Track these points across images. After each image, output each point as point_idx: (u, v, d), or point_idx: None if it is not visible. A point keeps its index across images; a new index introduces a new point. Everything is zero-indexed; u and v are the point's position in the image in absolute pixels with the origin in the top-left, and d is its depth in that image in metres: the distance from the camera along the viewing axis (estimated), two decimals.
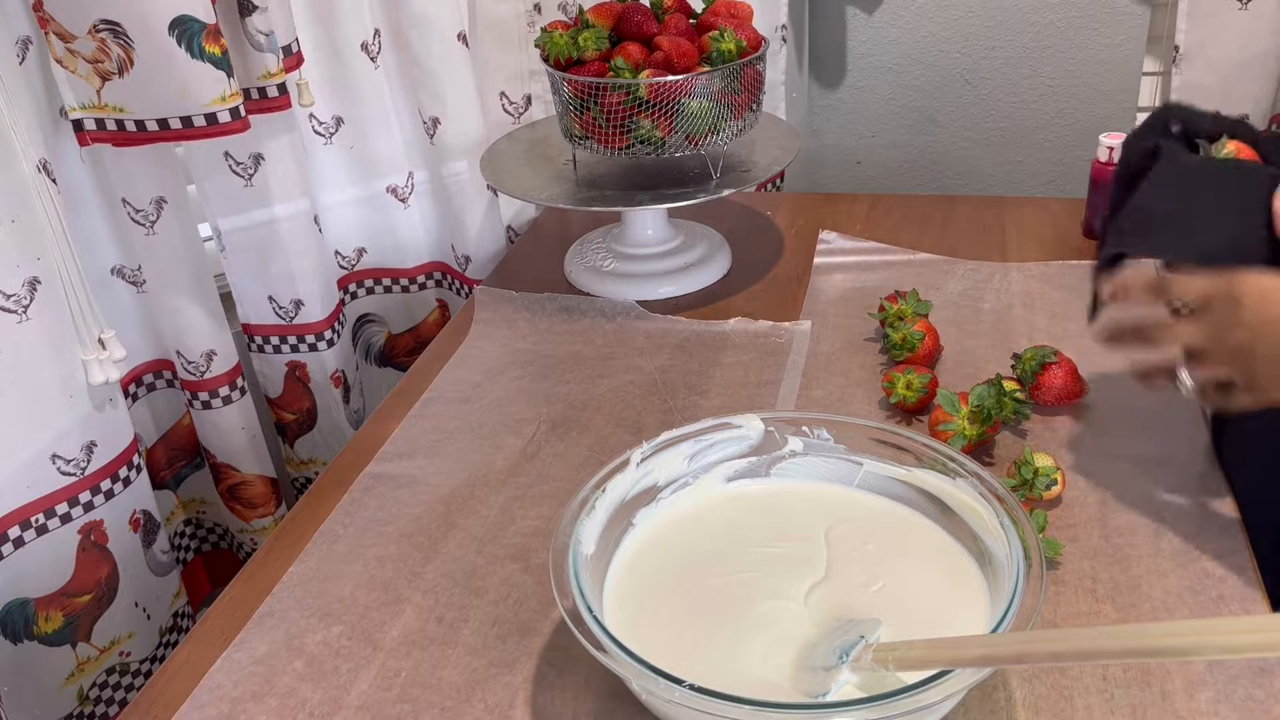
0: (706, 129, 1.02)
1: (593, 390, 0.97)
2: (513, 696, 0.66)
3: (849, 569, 0.67)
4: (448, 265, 1.35)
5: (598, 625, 0.58)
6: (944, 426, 0.82)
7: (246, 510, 1.24)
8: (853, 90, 1.55)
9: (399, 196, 1.31)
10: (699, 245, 1.17)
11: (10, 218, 0.85)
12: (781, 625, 0.63)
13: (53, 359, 0.90)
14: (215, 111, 0.98)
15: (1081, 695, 0.63)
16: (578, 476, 0.85)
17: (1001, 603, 0.59)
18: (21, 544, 0.92)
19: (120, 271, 1.10)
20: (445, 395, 0.98)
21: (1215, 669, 0.64)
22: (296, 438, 1.30)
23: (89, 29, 0.93)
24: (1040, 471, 0.76)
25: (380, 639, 0.72)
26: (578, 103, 1.03)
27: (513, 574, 0.76)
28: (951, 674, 0.53)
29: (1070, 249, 1.14)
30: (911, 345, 0.93)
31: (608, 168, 1.13)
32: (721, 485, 0.74)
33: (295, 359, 1.26)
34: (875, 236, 1.19)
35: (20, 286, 0.87)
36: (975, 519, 0.66)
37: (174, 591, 1.11)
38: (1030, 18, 1.45)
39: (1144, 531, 0.75)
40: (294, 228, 1.18)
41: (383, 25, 1.21)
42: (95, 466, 0.95)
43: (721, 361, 1.00)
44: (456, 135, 1.24)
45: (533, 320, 1.09)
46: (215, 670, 0.70)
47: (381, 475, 0.88)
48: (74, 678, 0.98)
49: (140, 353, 1.14)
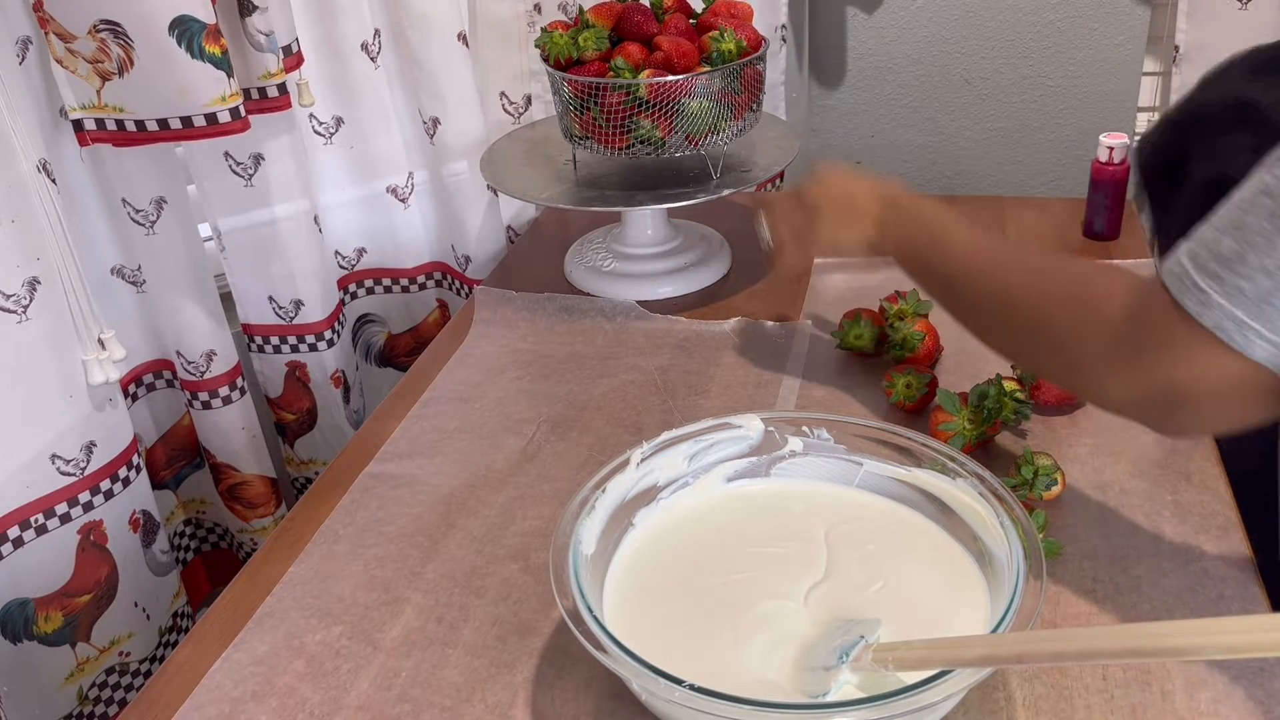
0: (706, 129, 1.02)
1: (593, 390, 0.97)
2: (513, 696, 0.66)
3: (849, 569, 0.67)
4: (448, 265, 1.35)
5: (598, 625, 0.58)
6: (944, 426, 0.82)
7: (246, 510, 1.24)
8: (853, 90, 1.56)
9: (399, 196, 1.31)
10: (699, 245, 1.17)
11: (10, 218, 0.85)
12: (781, 625, 0.63)
13: (53, 359, 0.90)
14: (215, 111, 0.98)
15: (1081, 695, 0.63)
16: (578, 476, 0.85)
17: (1001, 603, 0.59)
18: (21, 544, 0.92)
19: (120, 271, 1.10)
20: (445, 395, 0.98)
21: (1215, 669, 0.63)
22: (296, 438, 1.30)
23: (89, 29, 0.93)
24: (1040, 471, 0.76)
25: (380, 639, 0.72)
26: (578, 103, 1.03)
27: (513, 574, 0.76)
28: (951, 674, 0.53)
29: (1070, 249, 1.14)
30: (911, 345, 0.93)
31: (608, 168, 1.13)
32: (721, 485, 0.74)
33: (295, 359, 1.26)
34: None
35: (20, 286, 0.87)
36: (975, 519, 0.66)
37: (174, 591, 1.10)
38: (1030, 18, 1.45)
39: (1144, 531, 0.75)
40: (294, 228, 1.18)
41: (383, 25, 1.21)
42: (95, 466, 0.95)
43: (721, 361, 1.00)
44: (456, 135, 1.24)
45: (533, 320, 1.09)
46: (215, 670, 0.70)
47: (381, 475, 0.88)
48: (74, 678, 0.98)
49: (140, 353, 1.14)
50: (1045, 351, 0.66)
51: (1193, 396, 0.56)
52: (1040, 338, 0.65)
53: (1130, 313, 0.59)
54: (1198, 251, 0.55)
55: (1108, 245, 1.14)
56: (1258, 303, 0.52)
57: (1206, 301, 0.54)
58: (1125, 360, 0.59)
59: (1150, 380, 0.58)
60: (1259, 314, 0.52)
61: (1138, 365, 0.58)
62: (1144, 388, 0.58)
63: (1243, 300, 0.52)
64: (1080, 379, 0.64)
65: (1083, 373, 0.63)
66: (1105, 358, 0.60)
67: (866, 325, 0.96)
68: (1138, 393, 0.59)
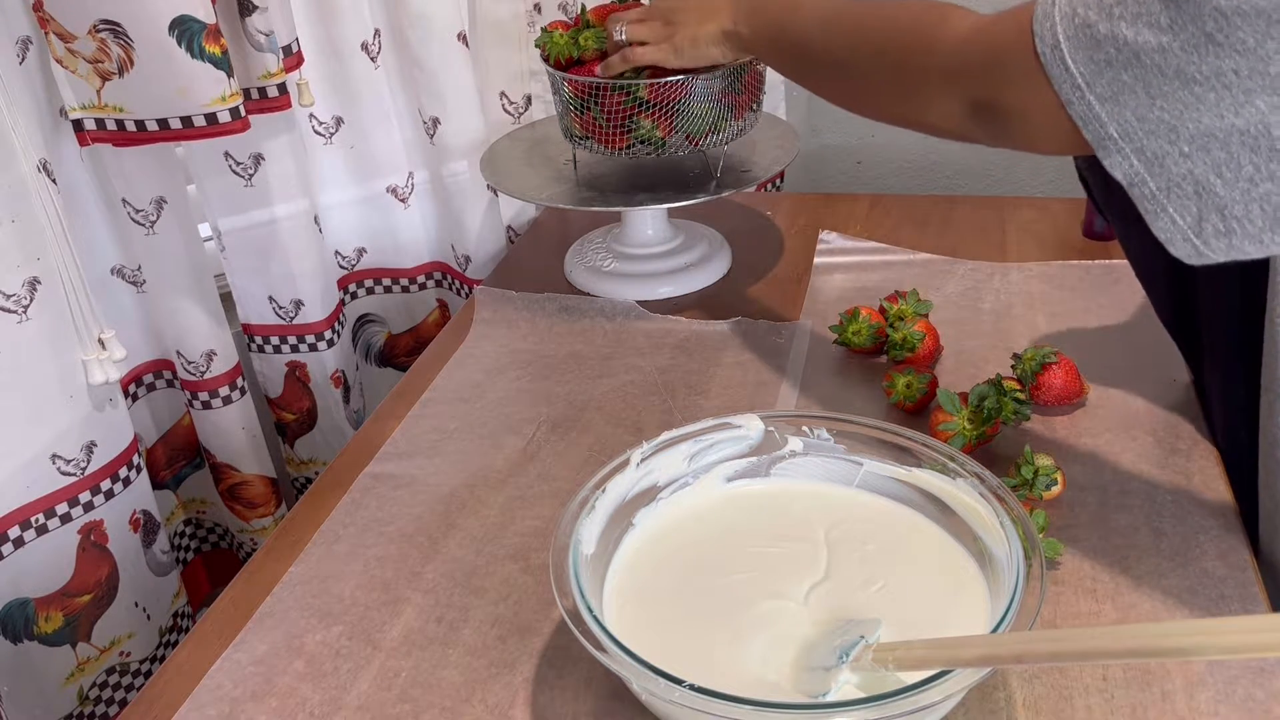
0: (707, 129, 1.03)
1: (593, 390, 0.97)
2: (513, 696, 0.66)
3: (849, 569, 0.67)
4: (448, 265, 1.35)
5: (598, 625, 0.58)
6: (944, 426, 0.82)
7: (246, 510, 1.24)
8: None
9: (399, 196, 1.31)
10: (699, 245, 1.17)
11: (10, 218, 0.85)
12: (781, 625, 0.63)
13: (53, 359, 0.90)
14: (215, 111, 0.98)
15: (1081, 695, 0.63)
16: (578, 476, 0.85)
17: (1001, 603, 0.59)
18: (21, 544, 0.92)
19: (120, 271, 1.10)
20: (445, 395, 0.98)
21: (1215, 669, 0.63)
22: (296, 438, 1.30)
23: (89, 29, 0.93)
24: (1040, 471, 0.76)
25: (380, 639, 0.72)
26: (578, 103, 1.03)
27: (513, 574, 0.76)
28: (951, 674, 0.53)
29: (1070, 249, 1.14)
30: (911, 345, 0.93)
31: (608, 168, 1.13)
32: (721, 485, 0.74)
33: (295, 359, 1.26)
34: (875, 236, 1.19)
35: (20, 286, 0.87)
36: (975, 519, 0.66)
37: (174, 591, 1.10)
38: None
39: (1144, 531, 0.75)
40: (294, 228, 1.18)
41: (383, 25, 1.21)
42: (95, 466, 0.95)
43: (721, 361, 1.00)
44: (456, 135, 1.24)
45: (533, 320, 1.09)
46: (215, 670, 0.70)
47: (381, 475, 0.88)
48: (74, 678, 0.98)
49: (140, 353, 1.14)
50: (887, 81, 0.70)
51: (1013, 119, 0.61)
52: (884, 63, 0.70)
53: (979, 28, 0.63)
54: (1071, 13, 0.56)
55: (1107, 246, 1.14)
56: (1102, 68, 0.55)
57: (1076, 87, 0.56)
58: (958, 70, 0.63)
59: (977, 91, 0.62)
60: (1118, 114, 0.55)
61: (969, 75, 0.62)
62: (970, 98, 0.63)
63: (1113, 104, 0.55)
64: (913, 97, 0.68)
65: (917, 90, 0.67)
66: (941, 67, 0.64)
67: (865, 322, 0.96)
68: (962, 101, 0.64)
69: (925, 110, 0.68)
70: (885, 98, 0.73)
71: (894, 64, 0.69)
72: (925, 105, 0.68)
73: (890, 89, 0.71)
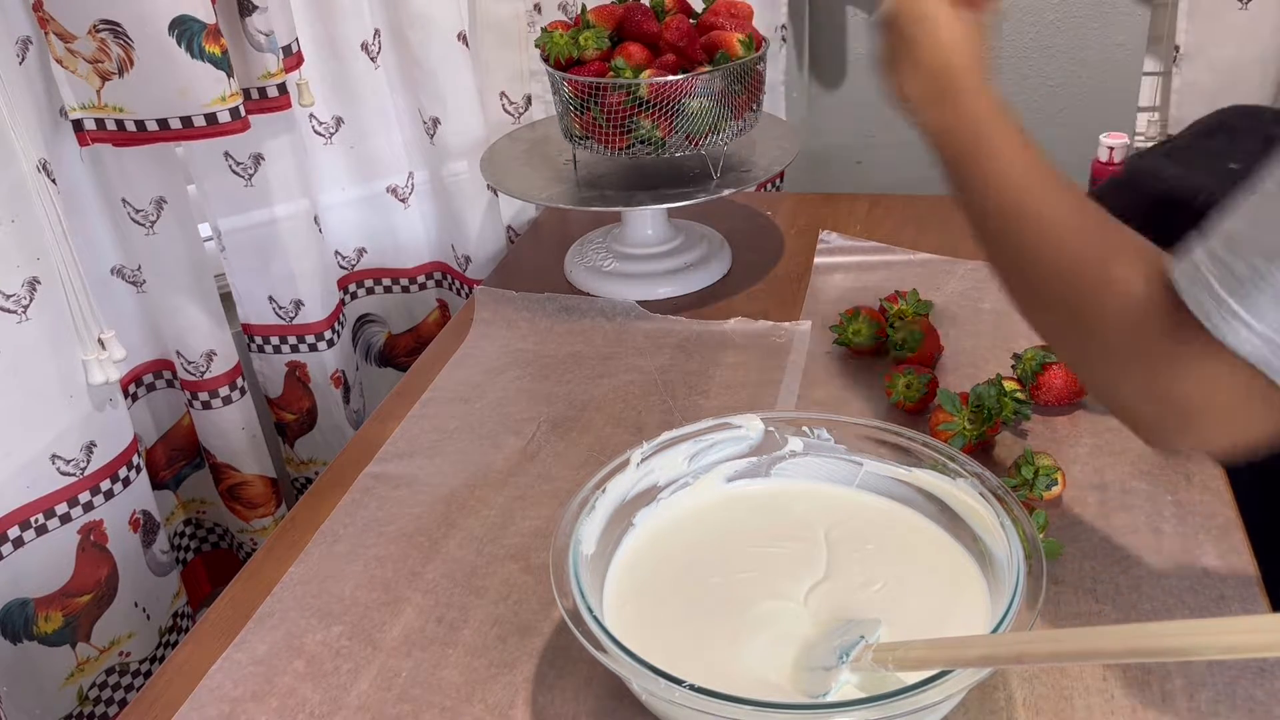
0: (707, 129, 1.02)
1: (593, 390, 0.97)
2: (513, 696, 0.66)
3: (849, 569, 0.67)
4: (448, 265, 1.35)
5: (598, 625, 0.58)
6: (944, 426, 0.82)
7: (246, 510, 1.24)
8: (853, 90, 1.55)
9: (399, 196, 1.31)
10: (699, 245, 1.17)
11: (10, 218, 0.85)
12: (781, 625, 0.63)
13: (53, 359, 0.90)
14: (215, 111, 0.98)
15: (1081, 695, 0.63)
16: (578, 476, 0.85)
17: (1001, 603, 0.59)
18: (21, 544, 0.92)
19: (120, 271, 1.10)
20: (445, 395, 0.98)
21: (1215, 669, 0.63)
22: (296, 438, 1.30)
23: (89, 29, 0.93)
24: (1040, 471, 0.76)
25: (380, 639, 0.72)
26: (578, 103, 1.03)
27: (513, 574, 0.76)
28: (951, 674, 0.53)
29: None
30: (911, 345, 0.93)
31: (608, 168, 1.13)
32: (722, 485, 0.74)
33: (295, 359, 1.26)
34: (875, 236, 1.19)
35: (20, 286, 0.87)
36: (975, 519, 0.66)
37: (174, 591, 1.10)
38: (1031, 17, 1.45)
39: (1144, 531, 0.75)
40: (294, 228, 1.18)
41: (383, 25, 1.21)
42: (95, 466, 0.95)
43: (721, 361, 1.00)
44: (456, 135, 1.24)
45: (533, 320, 1.09)
46: (215, 670, 0.70)
47: (381, 475, 0.88)
48: (74, 678, 0.98)
49: (140, 353, 1.14)
50: (1058, 329, 0.62)
51: (1197, 410, 0.53)
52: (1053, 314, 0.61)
53: (1145, 309, 0.54)
54: (1213, 243, 0.51)
55: None
56: (1244, 283, 0.48)
57: (1195, 278, 0.50)
58: (1135, 360, 0.55)
59: (1156, 387, 0.54)
60: (1242, 295, 0.48)
61: (1145, 368, 0.54)
62: (1151, 394, 0.54)
63: (1230, 280, 0.49)
64: (1088, 369, 0.60)
65: (1091, 363, 0.59)
66: (1115, 354, 0.56)
67: (865, 321, 0.96)
68: (1145, 398, 0.55)
69: (1097, 390, 0.61)
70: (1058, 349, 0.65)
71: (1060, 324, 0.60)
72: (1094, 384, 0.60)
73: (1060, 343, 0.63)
